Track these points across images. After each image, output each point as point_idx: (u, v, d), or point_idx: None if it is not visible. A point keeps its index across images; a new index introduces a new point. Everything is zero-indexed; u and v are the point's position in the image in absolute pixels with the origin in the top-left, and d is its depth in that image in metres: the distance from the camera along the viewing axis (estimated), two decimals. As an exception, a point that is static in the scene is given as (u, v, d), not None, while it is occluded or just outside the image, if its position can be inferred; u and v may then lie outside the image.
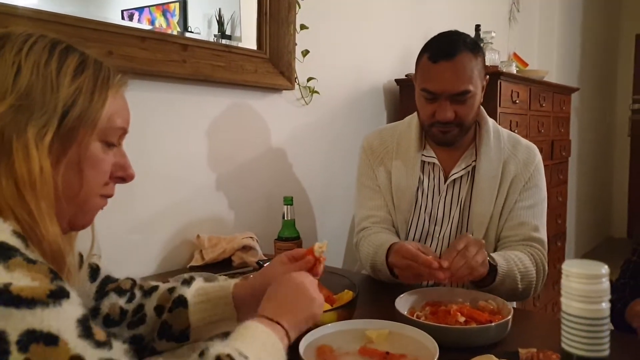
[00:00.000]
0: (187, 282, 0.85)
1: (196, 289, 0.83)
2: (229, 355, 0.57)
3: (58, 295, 0.48)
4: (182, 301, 0.81)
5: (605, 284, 0.46)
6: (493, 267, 1.09)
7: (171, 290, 0.83)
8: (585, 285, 0.45)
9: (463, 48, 1.17)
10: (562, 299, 0.46)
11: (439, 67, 1.17)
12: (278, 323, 0.67)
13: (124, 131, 0.66)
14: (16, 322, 0.44)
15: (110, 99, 0.62)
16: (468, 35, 1.23)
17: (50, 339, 0.45)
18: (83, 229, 0.68)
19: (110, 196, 0.68)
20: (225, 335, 0.64)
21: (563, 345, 0.47)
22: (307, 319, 0.72)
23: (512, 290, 1.15)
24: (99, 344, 0.49)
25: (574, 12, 3.95)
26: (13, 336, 0.44)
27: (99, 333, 0.51)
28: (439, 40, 1.23)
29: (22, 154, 0.54)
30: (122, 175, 0.67)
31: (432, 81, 1.19)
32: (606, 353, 0.47)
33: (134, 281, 0.85)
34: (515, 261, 1.15)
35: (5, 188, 0.53)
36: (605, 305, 0.46)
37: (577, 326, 0.46)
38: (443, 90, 1.18)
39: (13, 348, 0.44)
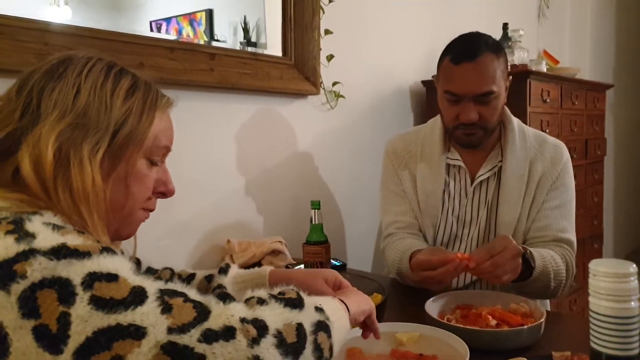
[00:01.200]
0: (224, 271, 0.88)
1: (233, 276, 0.87)
2: (292, 289, 0.62)
3: (111, 251, 0.52)
4: (220, 289, 0.83)
5: (634, 282, 0.44)
6: (529, 263, 1.08)
7: (209, 278, 0.87)
8: (613, 284, 0.44)
9: (485, 49, 1.16)
10: (590, 298, 0.46)
11: (461, 69, 1.17)
12: (340, 300, 0.69)
13: (167, 149, 0.72)
14: (77, 269, 0.48)
15: (157, 119, 0.67)
16: (490, 36, 1.23)
17: (111, 277, 0.49)
18: (127, 239, 0.73)
19: (152, 210, 0.73)
20: None
21: (592, 345, 0.46)
22: (366, 305, 0.73)
23: (544, 288, 1.14)
24: (155, 280, 0.54)
25: (607, 5, 3.83)
26: (77, 280, 0.48)
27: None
28: (460, 41, 1.22)
29: (77, 168, 0.58)
30: (164, 190, 0.73)
31: (454, 83, 1.19)
32: (636, 352, 0.46)
33: (172, 271, 0.89)
34: (549, 259, 1.14)
35: (63, 199, 0.58)
36: (635, 304, 0.45)
37: (605, 325, 0.45)
38: (466, 91, 1.17)
39: (79, 290, 0.47)
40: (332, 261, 1.47)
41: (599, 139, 2.78)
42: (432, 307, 1.00)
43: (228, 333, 0.50)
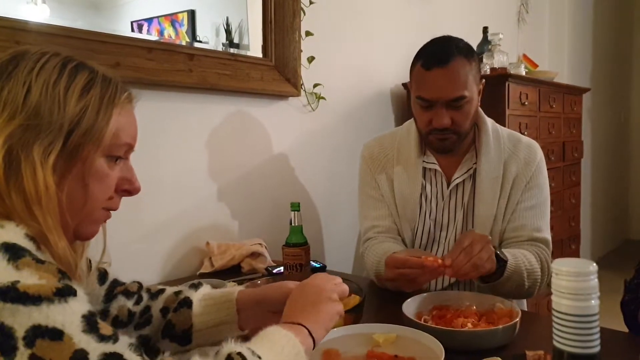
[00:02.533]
0: (195, 286, 0.87)
1: (202, 294, 0.85)
2: (239, 354, 0.58)
3: (64, 293, 0.49)
4: (187, 302, 0.83)
5: (594, 281, 0.45)
6: (501, 262, 1.09)
7: (177, 293, 0.85)
8: (574, 283, 0.45)
9: (456, 54, 1.16)
10: (553, 297, 0.47)
11: (432, 74, 1.16)
12: (299, 324, 0.67)
13: (129, 146, 0.68)
14: (23, 318, 0.46)
15: (115, 116, 0.64)
16: (461, 40, 1.23)
17: (55, 334, 0.47)
18: (88, 240, 0.70)
19: (114, 209, 0.69)
20: (245, 339, 0.64)
21: (555, 343, 0.47)
22: (331, 316, 0.71)
23: (518, 287, 1.15)
24: (103, 338, 0.50)
25: (585, 11, 3.91)
26: (20, 332, 0.46)
27: (105, 328, 0.52)
28: (431, 46, 1.22)
29: (29, 172, 0.56)
30: (128, 188, 0.69)
31: (426, 89, 1.18)
32: (597, 349, 0.47)
33: (140, 284, 0.87)
34: (522, 258, 1.15)
35: (16, 203, 0.55)
36: (595, 302, 0.46)
37: (567, 323, 0.46)
38: (438, 97, 1.17)
39: (20, 343, 0.45)
40: (312, 263, 1.47)
41: (576, 142, 2.83)
42: (410, 308, 1.00)
43: None
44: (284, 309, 0.73)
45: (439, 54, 1.17)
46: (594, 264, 0.46)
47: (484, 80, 1.27)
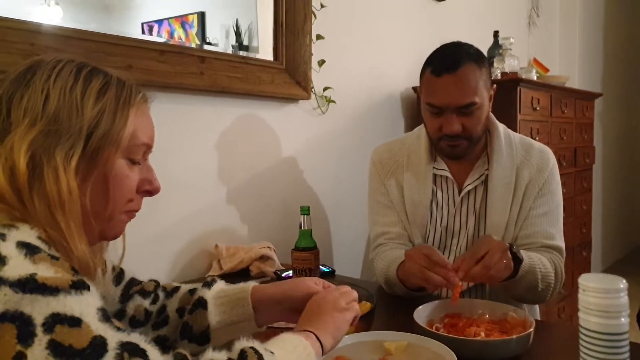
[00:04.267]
0: (209, 285, 0.86)
1: (217, 292, 0.85)
2: (252, 348, 0.60)
3: (79, 286, 0.50)
4: (201, 303, 0.82)
5: (624, 298, 0.44)
6: (517, 258, 1.06)
7: (192, 291, 0.85)
8: (603, 300, 0.43)
9: (466, 59, 1.15)
10: (580, 314, 0.45)
11: (442, 81, 1.15)
12: (307, 330, 0.69)
13: (148, 147, 0.69)
14: (41, 307, 0.47)
15: (132, 117, 0.65)
16: (471, 46, 1.21)
17: (74, 321, 0.48)
18: (114, 239, 0.71)
19: (137, 210, 0.70)
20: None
21: (581, 361, 0.46)
22: (338, 325, 0.72)
23: (532, 289, 1.13)
24: (119, 329, 0.52)
25: (596, 15, 3.87)
26: (39, 319, 0.46)
27: (118, 323, 0.53)
28: (441, 52, 1.21)
29: (52, 176, 0.57)
30: (149, 188, 0.70)
31: (436, 95, 1.17)
32: (626, 368, 0.45)
33: (157, 283, 0.87)
34: (536, 260, 1.13)
35: (39, 208, 0.56)
36: (624, 320, 0.44)
37: (595, 341, 0.44)
38: (448, 104, 1.16)
39: (39, 330, 0.46)
40: (321, 267, 1.46)
41: (587, 147, 2.80)
42: (421, 315, 0.99)
43: None
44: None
45: (448, 60, 1.16)
46: (624, 281, 0.44)
47: (495, 85, 1.26)
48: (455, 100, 1.15)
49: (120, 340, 0.50)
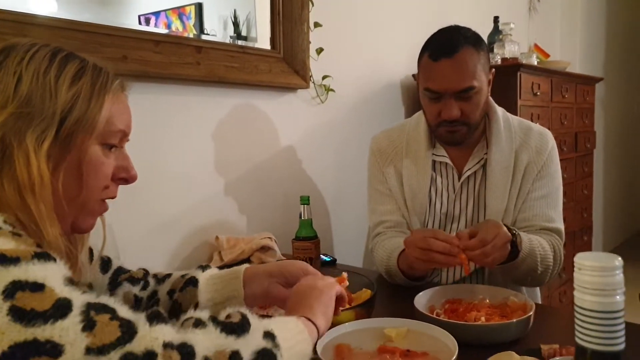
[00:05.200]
0: (202, 268, 0.87)
1: (210, 274, 0.85)
2: (239, 312, 0.60)
3: (43, 257, 0.49)
4: (192, 281, 0.83)
5: (619, 276, 0.44)
6: (514, 243, 1.06)
7: (184, 275, 0.85)
8: (599, 278, 0.43)
9: (464, 43, 1.14)
10: (575, 293, 0.45)
11: (440, 66, 1.14)
12: (295, 315, 0.69)
13: (124, 134, 0.68)
14: (1, 275, 0.46)
15: (107, 103, 0.64)
16: (469, 29, 1.20)
17: (36, 286, 0.47)
18: (86, 233, 0.70)
19: (112, 198, 0.70)
20: None
21: (577, 340, 0.46)
22: (324, 302, 0.73)
23: (531, 272, 1.13)
24: (86, 292, 0.51)
25: (598, 0, 3.84)
26: None
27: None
28: (438, 37, 1.20)
29: (22, 160, 0.56)
30: (125, 176, 0.69)
31: (434, 80, 1.16)
32: (622, 347, 0.45)
33: (146, 271, 0.87)
34: (536, 242, 1.13)
35: (8, 192, 0.55)
36: (620, 298, 0.44)
37: (590, 320, 0.44)
38: (446, 88, 1.15)
39: None
40: (322, 257, 1.46)
41: (588, 132, 2.79)
42: (421, 301, 0.99)
43: (148, 358, 0.48)
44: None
45: (446, 45, 1.15)
46: (619, 258, 0.44)
47: (493, 69, 1.25)
48: (454, 84, 1.14)
49: (87, 301, 0.49)
